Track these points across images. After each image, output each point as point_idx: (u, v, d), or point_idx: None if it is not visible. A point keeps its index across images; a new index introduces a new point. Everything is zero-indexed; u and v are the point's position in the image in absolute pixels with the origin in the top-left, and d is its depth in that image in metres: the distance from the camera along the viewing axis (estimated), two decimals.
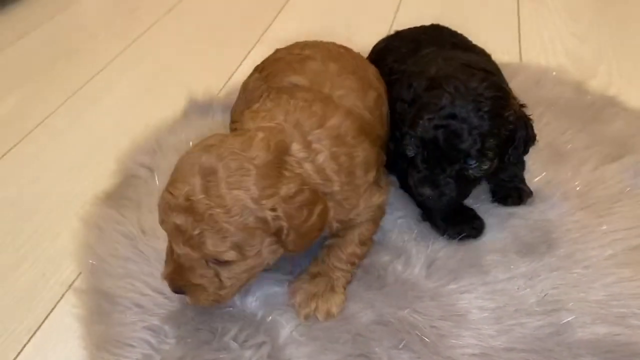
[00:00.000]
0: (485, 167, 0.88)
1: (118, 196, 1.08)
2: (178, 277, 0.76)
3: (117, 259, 0.94)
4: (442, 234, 0.97)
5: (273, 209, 0.71)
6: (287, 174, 0.73)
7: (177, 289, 0.78)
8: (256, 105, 0.86)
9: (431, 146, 0.87)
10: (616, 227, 0.98)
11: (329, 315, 0.84)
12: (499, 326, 0.83)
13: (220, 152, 0.72)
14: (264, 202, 0.71)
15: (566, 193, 1.05)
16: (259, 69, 1.05)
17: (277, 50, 1.06)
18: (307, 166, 0.77)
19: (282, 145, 0.75)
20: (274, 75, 0.95)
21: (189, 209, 0.70)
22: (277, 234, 0.73)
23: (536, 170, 1.10)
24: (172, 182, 0.73)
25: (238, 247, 0.71)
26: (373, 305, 0.86)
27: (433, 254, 0.94)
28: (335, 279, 0.86)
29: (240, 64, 1.53)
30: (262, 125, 0.79)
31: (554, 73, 1.41)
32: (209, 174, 0.70)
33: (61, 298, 0.91)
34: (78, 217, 1.04)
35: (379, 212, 0.91)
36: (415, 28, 1.20)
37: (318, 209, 0.75)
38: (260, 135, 0.75)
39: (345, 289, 0.87)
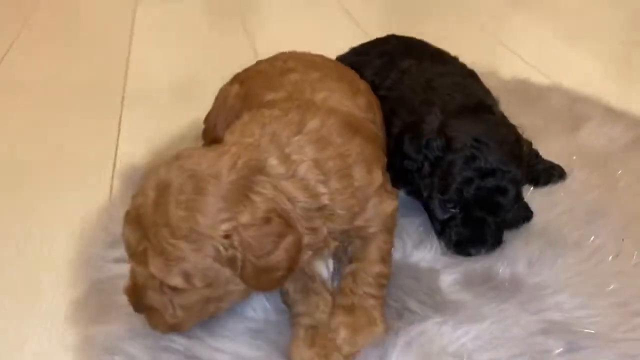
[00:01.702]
0: (517, 207, 0.87)
1: None
2: (133, 295, 0.69)
3: None
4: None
5: (226, 236, 0.62)
6: (254, 197, 0.64)
7: (136, 308, 0.70)
8: (236, 122, 0.79)
9: (470, 206, 0.84)
10: None
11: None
12: None
13: (182, 166, 0.65)
14: (217, 226, 0.62)
15: None
16: (239, 79, 0.98)
17: (259, 62, 1.00)
18: (287, 185, 0.67)
19: (253, 164, 0.67)
20: (252, 94, 0.88)
21: (138, 223, 0.65)
22: (231, 265, 0.64)
23: None
24: (137, 192, 0.68)
25: (185, 273, 0.63)
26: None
27: None
28: (371, 309, 0.75)
29: None
30: (238, 140, 0.72)
31: None
32: (163, 189, 0.64)
33: None
34: None
35: (392, 221, 0.81)
36: (371, 42, 1.19)
37: (287, 242, 0.64)
38: (232, 151, 0.67)
39: (384, 318, 0.75)
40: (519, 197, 0.85)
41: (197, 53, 1.75)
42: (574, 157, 1.08)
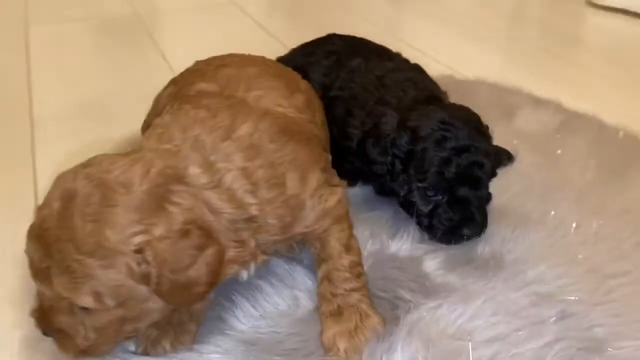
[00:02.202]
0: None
1: None
2: (41, 317, 0.62)
3: None
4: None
5: (139, 250, 0.57)
6: (170, 207, 0.59)
7: (44, 332, 0.63)
8: (157, 120, 0.71)
9: (452, 188, 0.84)
10: None
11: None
12: None
13: (90, 174, 0.59)
14: (128, 240, 0.57)
15: None
16: (174, 81, 0.91)
17: (197, 62, 0.93)
18: (209, 195, 0.62)
19: (170, 172, 0.61)
20: (183, 90, 0.82)
21: (41, 237, 0.58)
22: (146, 281, 0.59)
23: None
24: (42, 203, 0.61)
25: (95, 292, 0.57)
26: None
27: None
28: (358, 303, 0.73)
29: None
30: (156, 146, 0.65)
31: None
32: (68, 199, 0.58)
33: None
34: None
35: (341, 209, 0.76)
36: (314, 42, 1.16)
37: (207, 255, 0.60)
38: (147, 157, 0.62)
39: (374, 308, 0.73)
40: (494, 170, 0.87)
41: (103, 72, 1.64)
42: (515, 142, 1.12)
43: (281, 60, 1.13)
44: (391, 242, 0.87)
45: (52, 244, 0.57)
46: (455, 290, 0.77)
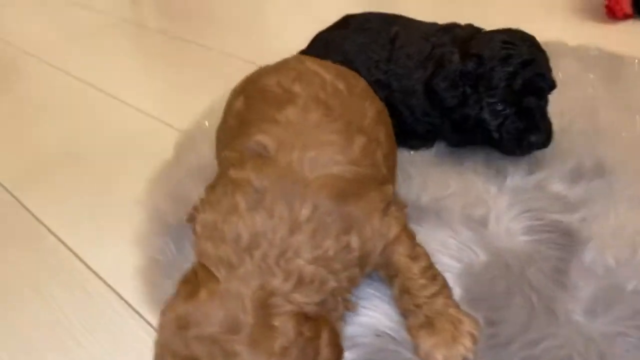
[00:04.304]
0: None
1: None
2: None
3: None
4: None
5: None
6: (277, 322, 0.61)
7: None
8: (207, 216, 0.68)
9: (519, 100, 0.93)
10: None
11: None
12: None
13: (197, 335, 0.60)
14: None
15: None
16: (245, 92, 0.88)
17: (266, 73, 0.89)
18: (297, 296, 0.64)
19: (259, 294, 0.62)
20: (247, 120, 0.80)
21: None
22: None
23: None
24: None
25: None
26: None
27: None
28: (445, 308, 0.72)
29: None
30: (226, 274, 0.63)
31: None
32: None
33: None
34: None
35: (400, 234, 0.74)
36: (334, 24, 1.14)
37: (324, 339, 0.62)
38: (232, 290, 0.62)
39: (462, 310, 0.72)
40: (554, 81, 0.96)
41: None
42: None
43: (320, 50, 1.09)
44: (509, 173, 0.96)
45: None
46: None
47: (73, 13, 2.17)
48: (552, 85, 0.95)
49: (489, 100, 0.93)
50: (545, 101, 0.95)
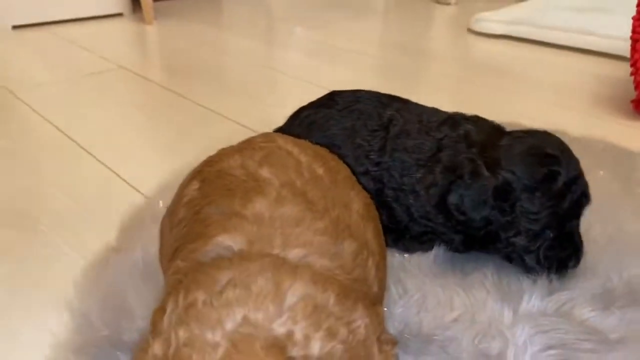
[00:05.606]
0: None
1: None
2: None
3: None
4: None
5: None
6: None
7: None
8: (167, 305, 0.52)
9: (561, 223, 0.79)
10: None
11: None
12: None
13: None
14: None
15: None
16: (201, 175, 0.70)
17: (227, 154, 0.72)
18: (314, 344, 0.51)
19: (276, 350, 0.48)
20: (202, 216, 0.63)
21: None
22: None
23: None
24: None
25: None
26: None
27: None
28: None
29: None
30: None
31: None
32: None
33: None
34: None
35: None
36: (318, 101, 0.98)
37: None
38: None
39: None
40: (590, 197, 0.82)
41: None
42: None
43: (297, 130, 0.93)
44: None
45: None
46: None
47: (73, 53, 2.04)
48: (589, 201, 0.81)
49: (529, 226, 0.79)
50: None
